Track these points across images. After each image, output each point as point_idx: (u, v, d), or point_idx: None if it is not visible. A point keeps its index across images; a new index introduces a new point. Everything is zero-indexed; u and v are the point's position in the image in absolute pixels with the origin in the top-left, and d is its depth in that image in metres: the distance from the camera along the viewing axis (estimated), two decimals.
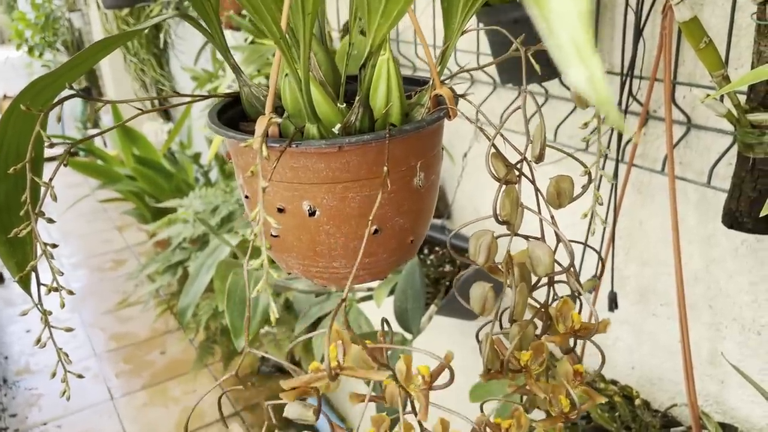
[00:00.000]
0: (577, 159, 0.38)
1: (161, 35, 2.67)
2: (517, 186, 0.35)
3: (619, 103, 0.78)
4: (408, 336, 0.90)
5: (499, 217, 0.34)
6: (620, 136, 0.80)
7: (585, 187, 0.37)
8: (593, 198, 0.39)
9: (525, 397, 0.44)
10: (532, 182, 0.35)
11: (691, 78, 0.73)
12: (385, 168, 0.31)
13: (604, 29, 0.81)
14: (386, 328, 0.39)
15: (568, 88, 0.86)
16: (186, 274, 1.79)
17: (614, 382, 0.89)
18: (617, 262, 0.88)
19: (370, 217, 0.31)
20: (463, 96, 0.36)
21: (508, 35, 0.35)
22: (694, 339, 0.80)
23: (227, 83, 1.21)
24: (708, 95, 0.61)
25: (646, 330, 0.88)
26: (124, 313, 2.62)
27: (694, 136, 0.75)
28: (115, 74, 3.85)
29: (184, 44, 2.77)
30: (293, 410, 0.38)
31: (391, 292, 0.98)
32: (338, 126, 0.33)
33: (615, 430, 0.81)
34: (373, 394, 0.37)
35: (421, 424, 0.38)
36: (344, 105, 0.36)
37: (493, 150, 0.34)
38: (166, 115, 3.25)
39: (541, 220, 0.36)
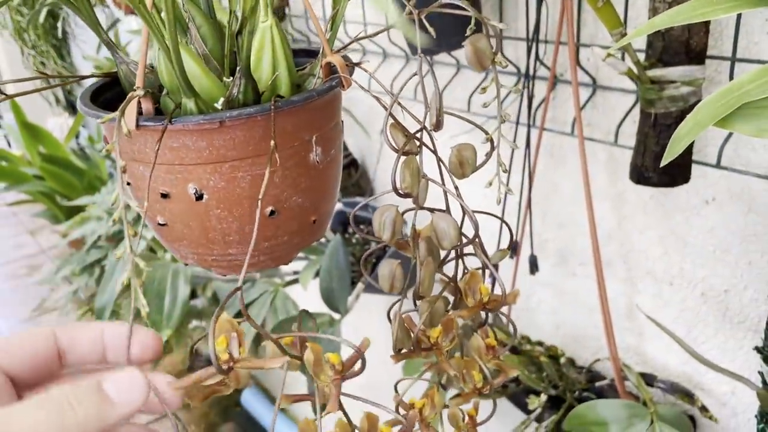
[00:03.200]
0: (478, 126, 0.37)
1: (59, 24, 2.52)
2: (418, 157, 0.34)
3: (527, 69, 0.79)
4: (336, 316, 0.88)
5: (399, 190, 0.33)
6: (530, 100, 0.80)
7: (488, 155, 0.36)
8: (497, 165, 0.38)
9: (444, 375, 0.43)
10: (434, 152, 0.34)
11: (593, 40, 0.74)
12: (272, 143, 0.29)
13: None
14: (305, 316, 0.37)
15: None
16: (104, 273, 1.71)
17: (540, 343, 0.90)
18: (536, 225, 0.89)
19: (260, 197, 0.29)
20: (357, 64, 0.34)
21: None
22: (611, 295, 0.82)
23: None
24: (608, 54, 0.61)
25: (567, 290, 0.90)
26: (43, 319, 2.49)
27: (600, 97, 0.76)
28: (14, 70, 3.62)
29: (86, 33, 2.63)
30: None
31: (317, 274, 0.97)
32: (221, 101, 0.31)
33: (543, 390, 0.82)
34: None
35: (349, 420, 0.36)
36: (231, 79, 0.34)
37: (391, 120, 0.33)
38: (72, 109, 3.08)
39: (445, 192, 0.35)
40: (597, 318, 0.87)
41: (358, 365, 0.34)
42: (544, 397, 0.82)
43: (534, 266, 0.87)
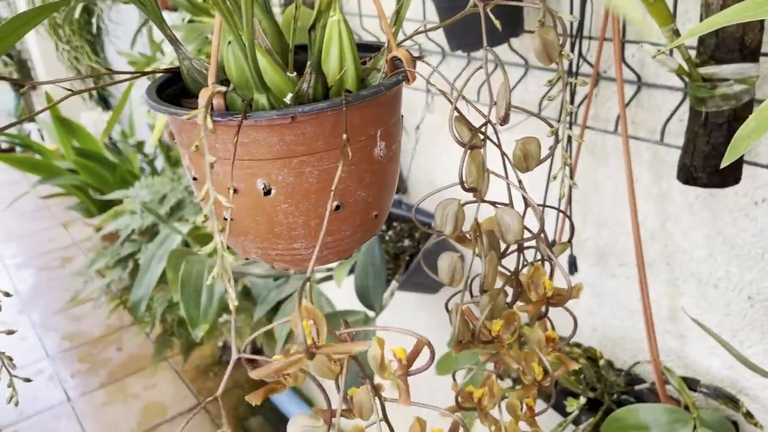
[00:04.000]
0: (543, 119, 0.36)
1: (93, 20, 2.55)
2: (482, 150, 0.34)
3: (570, 65, 0.78)
4: (371, 314, 0.88)
5: (465, 184, 0.32)
6: (572, 97, 0.79)
7: (552, 148, 0.36)
8: (562, 159, 0.38)
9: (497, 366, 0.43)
10: (498, 146, 0.34)
11: (639, 36, 0.73)
12: (345, 136, 0.29)
13: None
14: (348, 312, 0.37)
15: (517, 52, 0.85)
16: (137, 266, 1.73)
17: (578, 345, 0.89)
18: (575, 225, 0.88)
19: (332, 188, 0.29)
20: (420, 58, 0.34)
21: None
22: (653, 296, 0.81)
23: (166, 66, 1.16)
24: (659, 50, 0.60)
25: (606, 291, 0.89)
26: (76, 311, 2.53)
27: (645, 95, 0.75)
28: (48, 65, 3.69)
29: (119, 29, 2.67)
30: (298, 425, 0.35)
31: (351, 271, 0.97)
32: (290, 95, 0.31)
33: (581, 392, 0.81)
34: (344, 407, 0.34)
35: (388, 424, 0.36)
36: (294, 74, 0.34)
37: (456, 113, 0.33)
38: (105, 104, 3.12)
39: (508, 185, 0.34)
40: (637, 320, 0.86)
41: (425, 359, 0.33)
42: (582, 400, 0.81)
43: (573, 266, 0.87)
